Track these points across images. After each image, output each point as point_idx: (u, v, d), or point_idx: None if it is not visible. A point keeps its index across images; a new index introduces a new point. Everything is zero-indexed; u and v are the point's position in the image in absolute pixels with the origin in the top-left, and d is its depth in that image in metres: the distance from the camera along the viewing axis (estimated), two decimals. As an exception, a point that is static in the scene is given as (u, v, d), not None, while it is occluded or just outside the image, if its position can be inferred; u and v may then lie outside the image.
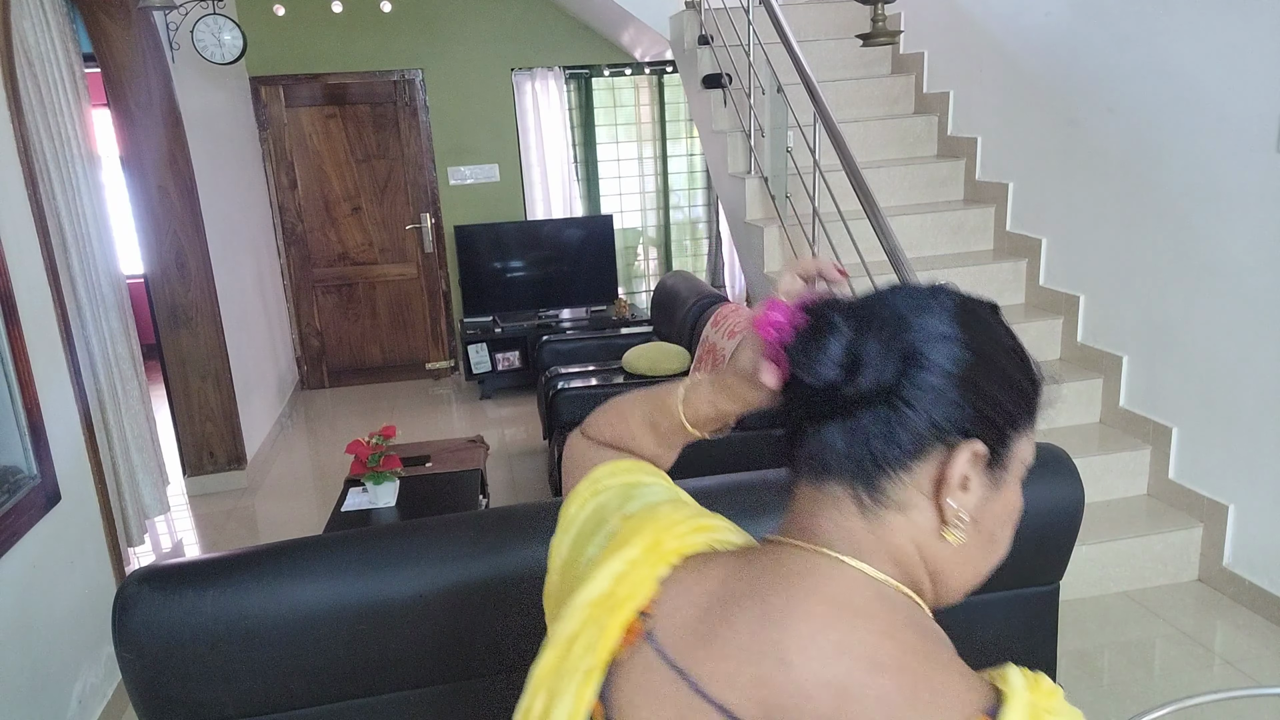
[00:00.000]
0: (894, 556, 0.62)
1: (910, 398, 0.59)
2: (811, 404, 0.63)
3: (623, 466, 0.82)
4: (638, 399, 0.86)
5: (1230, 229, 2.67)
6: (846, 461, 0.62)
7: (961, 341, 0.61)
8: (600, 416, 0.90)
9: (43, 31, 3.00)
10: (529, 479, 4.22)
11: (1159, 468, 3.02)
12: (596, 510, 0.77)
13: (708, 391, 0.78)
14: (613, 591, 0.65)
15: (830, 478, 0.63)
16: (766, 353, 0.66)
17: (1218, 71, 2.64)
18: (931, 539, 0.63)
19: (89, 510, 2.54)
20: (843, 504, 0.63)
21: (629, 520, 0.71)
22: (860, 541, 0.62)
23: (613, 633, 0.63)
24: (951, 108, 3.96)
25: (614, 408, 0.89)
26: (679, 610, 0.63)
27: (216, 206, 4.29)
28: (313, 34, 5.50)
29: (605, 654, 0.63)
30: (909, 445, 0.60)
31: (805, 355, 0.62)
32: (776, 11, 3.28)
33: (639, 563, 0.66)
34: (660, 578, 0.65)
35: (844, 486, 0.62)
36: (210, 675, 1.40)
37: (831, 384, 0.61)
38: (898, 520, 0.62)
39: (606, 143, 6.22)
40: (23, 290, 2.26)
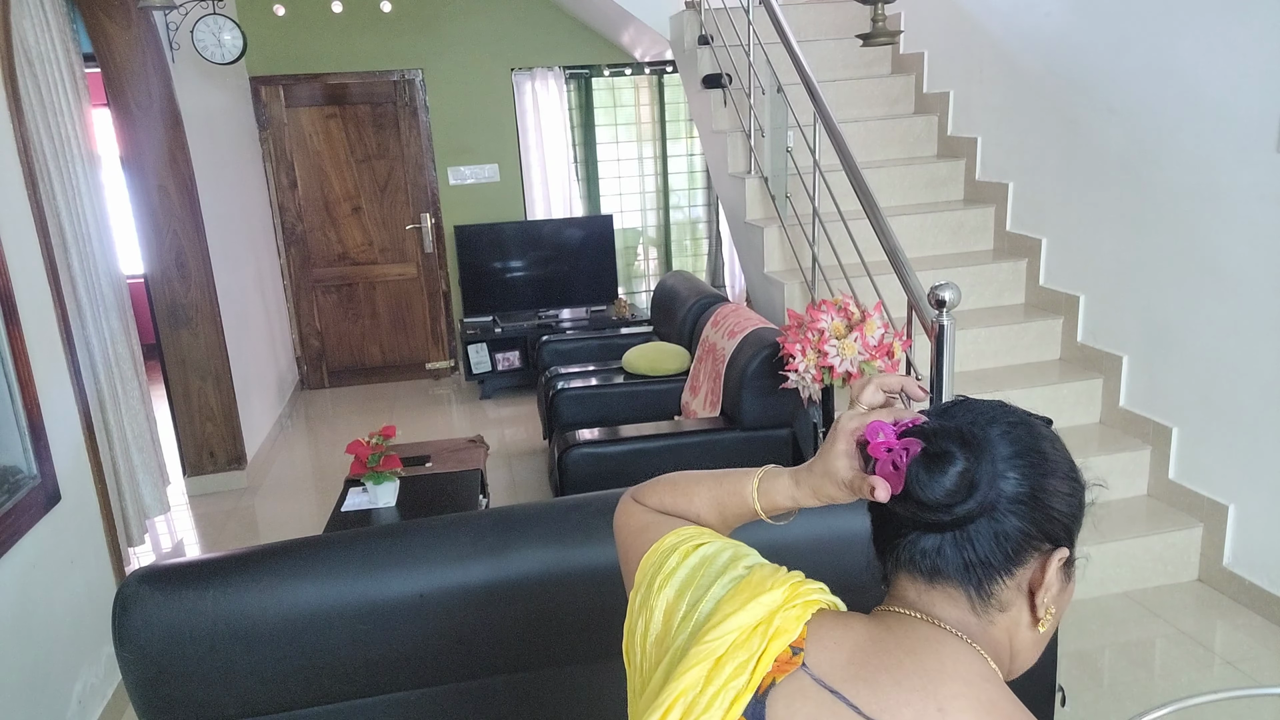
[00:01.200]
0: (994, 645, 0.73)
1: (1015, 514, 0.70)
2: (922, 518, 0.71)
3: (710, 532, 0.88)
4: (704, 481, 0.92)
5: (1230, 229, 2.67)
6: (960, 567, 0.72)
7: (1046, 462, 0.72)
8: (659, 489, 0.96)
9: (43, 31, 3.00)
10: (529, 479, 4.22)
11: (1159, 468, 3.02)
12: (705, 560, 0.82)
13: (787, 486, 0.83)
14: (768, 621, 0.72)
15: (942, 579, 0.73)
16: (880, 471, 0.72)
17: (1218, 71, 2.64)
18: (1022, 629, 0.74)
19: (89, 510, 2.54)
20: (957, 600, 0.73)
21: (756, 571, 0.78)
22: (973, 633, 0.73)
23: (768, 659, 0.70)
24: (951, 108, 3.96)
25: (676, 485, 0.95)
26: (830, 651, 0.71)
27: (216, 206, 4.29)
28: (313, 34, 5.50)
29: (760, 677, 0.70)
30: (1014, 554, 0.71)
31: (927, 479, 0.70)
32: (776, 11, 3.28)
33: (785, 604, 0.73)
34: (806, 620, 0.73)
35: (956, 587, 0.73)
36: (210, 675, 1.40)
37: (948, 504, 0.70)
38: (1001, 618, 0.73)
39: (606, 143, 6.22)
40: (23, 290, 2.26)
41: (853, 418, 0.78)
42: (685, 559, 0.82)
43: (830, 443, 0.78)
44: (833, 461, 0.77)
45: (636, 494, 0.99)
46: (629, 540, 0.93)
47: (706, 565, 0.81)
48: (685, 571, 0.81)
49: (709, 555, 0.83)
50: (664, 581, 0.81)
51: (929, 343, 2.26)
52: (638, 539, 0.91)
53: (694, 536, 0.85)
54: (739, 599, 0.74)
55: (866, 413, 0.78)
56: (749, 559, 0.82)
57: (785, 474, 0.84)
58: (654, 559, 0.84)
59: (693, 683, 0.71)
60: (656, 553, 0.85)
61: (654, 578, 0.83)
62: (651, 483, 0.98)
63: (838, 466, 0.77)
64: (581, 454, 3.03)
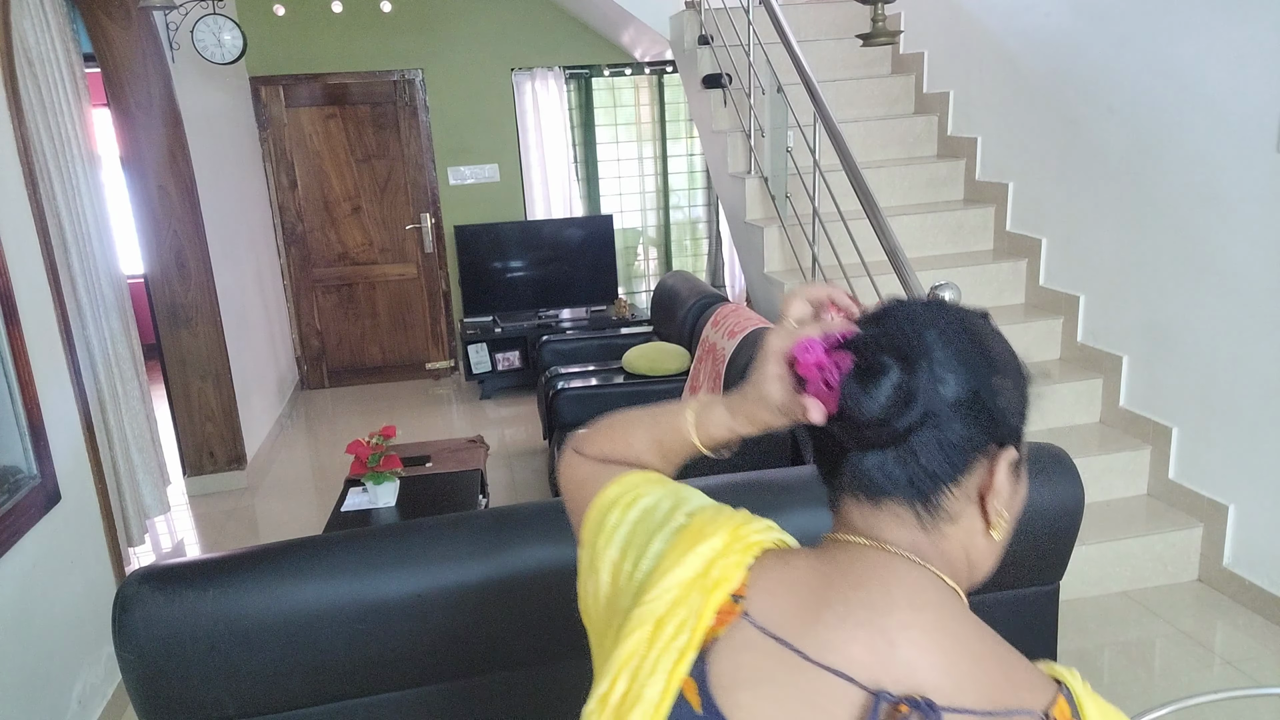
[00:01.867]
0: (948, 560, 0.69)
1: (959, 419, 0.66)
2: (860, 435, 0.67)
3: (654, 477, 0.84)
4: (639, 420, 0.88)
5: (1230, 229, 2.67)
6: (903, 484, 0.68)
7: (987, 360, 0.67)
8: (597, 437, 0.91)
9: (43, 31, 3.00)
10: (529, 479, 4.22)
11: (1159, 468, 3.02)
12: (645, 513, 0.78)
13: (723, 416, 0.79)
14: (705, 573, 0.68)
15: (886, 497, 0.68)
16: (811, 390, 0.68)
17: (1218, 71, 2.64)
18: (977, 539, 0.70)
19: (89, 510, 2.54)
20: (904, 519, 0.69)
21: (697, 516, 0.74)
22: (924, 551, 0.69)
23: (708, 613, 0.66)
24: (951, 108, 3.96)
25: (613, 429, 0.90)
26: (772, 595, 0.67)
27: (216, 206, 4.29)
28: (313, 34, 5.50)
29: (701, 633, 0.66)
30: (961, 462, 0.67)
31: (861, 395, 0.66)
32: (776, 11, 3.28)
33: (724, 551, 0.69)
34: (748, 565, 0.69)
35: (902, 504, 0.68)
36: (210, 675, 1.40)
37: (886, 419, 0.65)
38: (952, 530, 0.69)
39: (606, 143, 6.22)
40: (23, 290, 2.26)
41: (780, 335, 0.73)
42: (626, 514, 0.79)
43: (760, 365, 0.73)
44: (764, 385, 0.73)
45: (577, 444, 0.94)
46: (573, 494, 0.89)
47: (647, 519, 0.77)
48: (626, 528, 0.77)
49: (649, 507, 0.78)
50: (607, 540, 0.78)
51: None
52: (580, 493, 0.87)
53: (634, 487, 0.81)
54: (678, 551, 0.71)
55: (795, 329, 0.73)
56: (690, 504, 0.78)
57: (719, 404, 0.80)
58: (596, 515, 0.81)
59: (635, 648, 0.67)
60: (598, 508, 0.81)
61: (597, 536, 0.79)
62: (590, 430, 0.93)
63: (770, 390, 0.72)
64: (581, 454, 3.02)
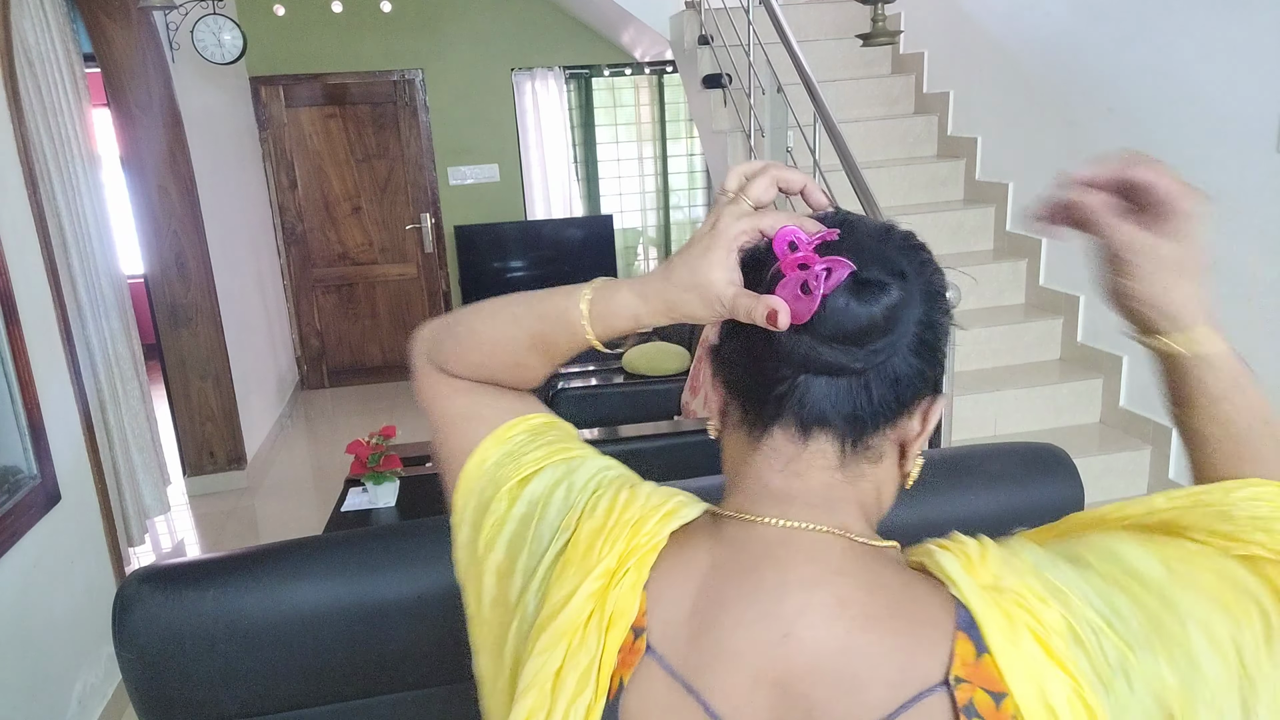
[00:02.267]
0: (859, 501, 0.63)
1: (915, 354, 0.60)
2: (820, 357, 0.59)
3: (537, 426, 0.73)
4: (513, 312, 0.72)
5: (1230, 229, 2.67)
6: (846, 415, 0.60)
7: (940, 294, 0.62)
8: (462, 344, 0.75)
9: (43, 31, 3.00)
10: (529, 479, 4.22)
11: (1159, 468, 3.02)
12: (531, 509, 0.67)
13: (629, 302, 0.65)
14: (599, 607, 0.59)
15: (821, 430, 0.61)
16: (783, 291, 0.58)
17: (1218, 71, 2.64)
18: (890, 481, 0.65)
19: (89, 510, 2.54)
20: (827, 456, 0.62)
21: (585, 523, 0.64)
22: (834, 493, 0.62)
23: (610, 655, 0.58)
24: (951, 108, 3.96)
25: (479, 335, 0.74)
26: (672, 610, 0.60)
27: (216, 206, 4.29)
28: (313, 34, 5.50)
29: (605, 683, 0.58)
30: (906, 399, 0.61)
31: (858, 310, 0.58)
32: (776, 11, 3.28)
33: (617, 573, 0.60)
34: (644, 584, 0.60)
35: (832, 439, 0.61)
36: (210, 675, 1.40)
37: (865, 342, 0.58)
38: (871, 470, 0.63)
39: (606, 143, 6.22)
40: (23, 290, 2.26)
41: (738, 217, 0.61)
42: (512, 506, 0.67)
43: (703, 249, 0.61)
44: (707, 272, 0.60)
45: (436, 352, 0.77)
46: (443, 431, 0.75)
47: (534, 519, 0.66)
48: (512, 525, 0.67)
49: (537, 498, 0.67)
50: (490, 540, 0.67)
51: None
52: (450, 438, 0.74)
53: (518, 456, 0.69)
54: (566, 582, 0.61)
55: (753, 213, 0.62)
56: (586, 495, 0.66)
57: (624, 287, 0.66)
58: (474, 490, 0.70)
59: (535, 708, 0.59)
60: (476, 479, 0.70)
61: (478, 526, 0.68)
62: (448, 330, 0.76)
63: (714, 279, 0.60)
64: (581, 454, 3.02)
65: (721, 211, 0.62)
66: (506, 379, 0.75)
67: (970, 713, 0.54)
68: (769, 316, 0.57)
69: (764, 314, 0.57)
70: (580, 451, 0.72)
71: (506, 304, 0.73)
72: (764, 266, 0.61)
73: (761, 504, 0.63)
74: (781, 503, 0.62)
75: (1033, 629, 0.55)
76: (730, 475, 0.67)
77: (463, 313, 0.77)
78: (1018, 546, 0.61)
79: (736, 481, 0.66)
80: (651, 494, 0.65)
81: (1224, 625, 0.58)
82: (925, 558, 0.61)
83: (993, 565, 0.58)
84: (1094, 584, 0.59)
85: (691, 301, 0.61)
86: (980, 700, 0.54)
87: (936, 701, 0.54)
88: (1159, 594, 0.59)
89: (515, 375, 0.74)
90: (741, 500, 0.64)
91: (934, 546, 0.61)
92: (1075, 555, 0.62)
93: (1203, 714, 0.56)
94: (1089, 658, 0.55)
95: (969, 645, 0.55)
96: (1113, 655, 0.56)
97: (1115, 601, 0.58)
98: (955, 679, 0.54)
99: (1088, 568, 0.60)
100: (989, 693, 0.54)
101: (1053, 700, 0.53)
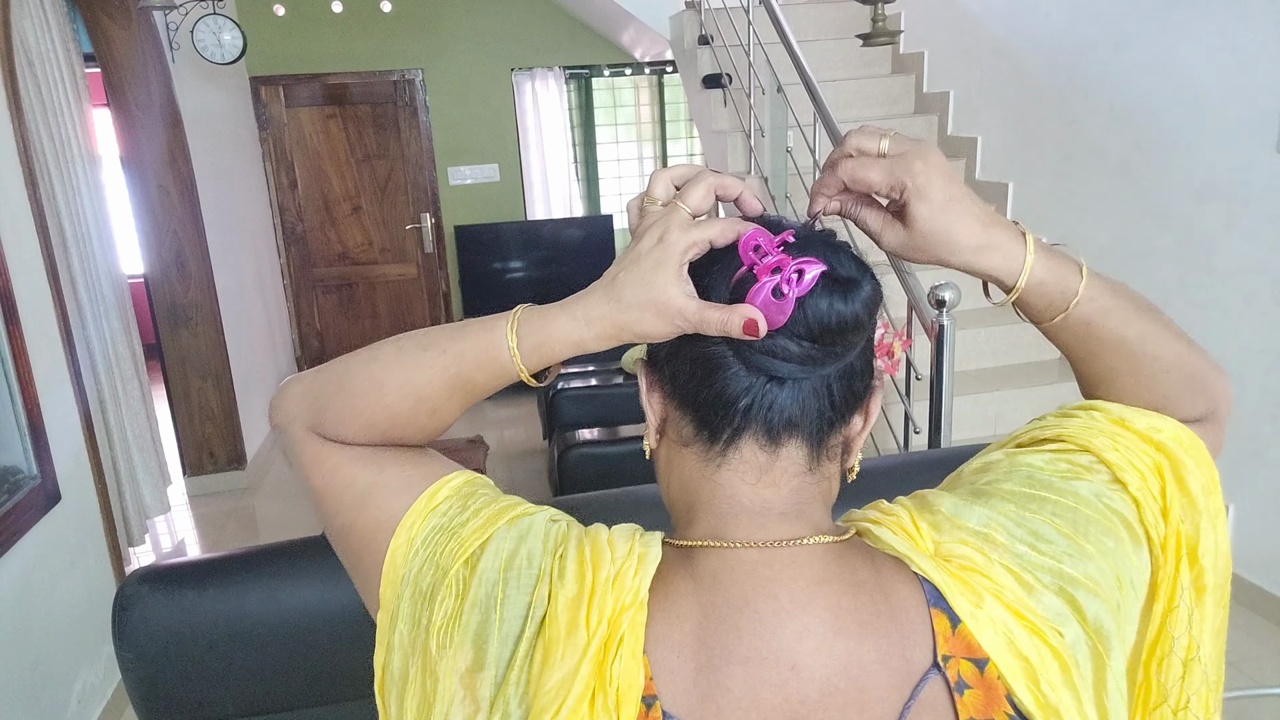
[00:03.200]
0: (824, 500, 0.62)
1: (864, 348, 0.60)
2: (790, 360, 0.57)
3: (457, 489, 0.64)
4: (424, 360, 0.64)
5: (1230, 229, 2.67)
6: (812, 417, 0.59)
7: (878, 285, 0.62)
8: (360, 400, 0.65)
9: (43, 31, 3.00)
10: (529, 479, 4.22)
11: (1159, 468, 3.02)
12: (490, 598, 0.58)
13: (571, 329, 0.61)
14: (601, 688, 0.54)
15: (791, 436, 0.59)
16: (756, 298, 0.55)
17: (1218, 71, 2.64)
18: (838, 472, 0.64)
19: (89, 510, 2.54)
20: (797, 462, 0.60)
21: (561, 590, 0.57)
22: (803, 496, 0.61)
23: None
24: (951, 108, 3.96)
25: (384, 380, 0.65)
26: (676, 673, 0.55)
27: (216, 206, 4.29)
28: (313, 34, 5.50)
29: None
30: (861, 393, 0.61)
31: (840, 307, 0.56)
32: (776, 11, 3.28)
33: (612, 641, 0.55)
34: (644, 649, 0.55)
35: (801, 444, 0.60)
36: (210, 675, 1.40)
37: (839, 340, 0.57)
38: (830, 468, 0.63)
39: (606, 143, 6.22)
40: (23, 290, 2.26)
41: (685, 229, 0.58)
42: (466, 593, 0.58)
43: (653, 264, 0.57)
44: (664, 289, 0.57)
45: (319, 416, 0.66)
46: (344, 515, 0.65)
47: (498, 601, 0.58)
48: (474, 615, 0.58)
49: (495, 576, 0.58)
50: (445, 637, 0.58)
51: (929, 343, 2.26)
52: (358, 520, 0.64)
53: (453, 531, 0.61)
54: (556, 665, 0.54)
55: (699, 224, 0.59)
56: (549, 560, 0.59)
57: (558, 314, 0.61)
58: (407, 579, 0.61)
59: None
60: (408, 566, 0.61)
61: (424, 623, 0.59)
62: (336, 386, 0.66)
63: (671, 295, 0.57)
64: (581, 454, 3.03)
65: (668, 224, 0.58)
66: (415, 433, 0.67)
67: (961, 688, 0.55)
68: (746, 327, 0.55)
69: (740, 325, 0.55)
70: (520, 508, 0.64)
71: (409, 347, 0.65)
72: (705, 274, 0.59)
73: (736, 524, 0.60)
74: (756, 518, 0.60)
75: (991, 591, 0.57)
76: (687, 496, 0.63)
77: (349, 363, 0.68)
78: (931, 499, 0.64)
79: (699, 502, 0.62)
80: (612, 540, 0.60)
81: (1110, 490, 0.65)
82: (867, 536, 0.62)
83: (927, 533, 0.61)
84: (1008, 513, 0.62)
85: (647, 320, 0.58)
86: (966, 671, 0.56)
87: (933, 687, 0.55)
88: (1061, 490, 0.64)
89: (427, 426, 0.67)
90: (712, 523, 0.60)
91: (871, 525, 0.62)
92: (979, 490, 0.65)
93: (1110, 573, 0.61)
94: (1035, 595, 0.58)
95: (944, 619, 0.57)
96: (1047, 578, 0.59)
97: (1032, 523, 0.61)
98: (943, 658, 0.55)
99: (994, 497, 0.63)
100: (972, 661, 0.56)
101: (1025, 651, 0.56)
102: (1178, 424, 0.68)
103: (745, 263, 0.57)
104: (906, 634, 0.56)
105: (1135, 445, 0.67)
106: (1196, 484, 0.66)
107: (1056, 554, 0.60)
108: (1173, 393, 0.70)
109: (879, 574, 0.59)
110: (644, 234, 0.60)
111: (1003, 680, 0.55)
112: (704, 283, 0.59)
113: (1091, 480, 0.65)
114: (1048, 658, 0.56)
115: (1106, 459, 0.66)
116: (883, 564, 0.60)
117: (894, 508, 0.63)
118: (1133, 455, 0.66)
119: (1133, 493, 0.64)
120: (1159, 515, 0.65)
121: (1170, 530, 0.65)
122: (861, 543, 0.62)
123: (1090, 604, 0.59)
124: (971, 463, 0.72)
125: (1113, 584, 0.61)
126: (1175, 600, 0.65)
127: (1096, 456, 0.66)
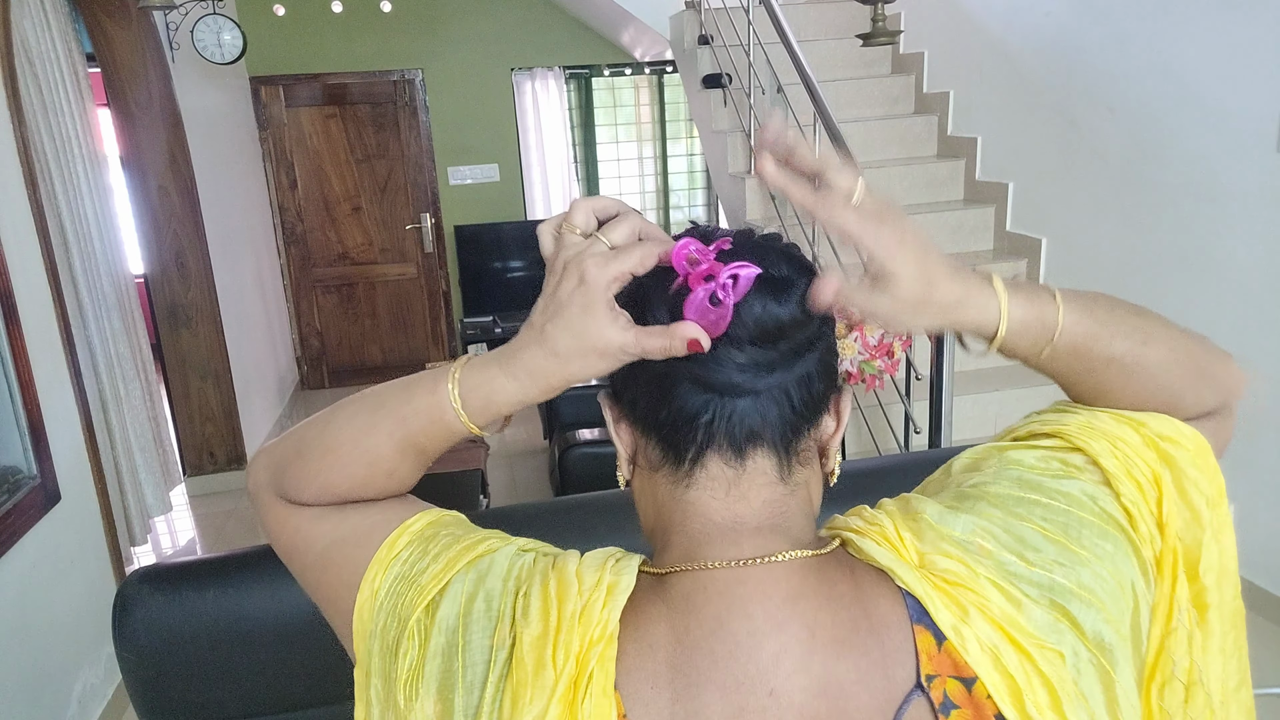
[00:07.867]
0: (801, 509, 0.61)
1: (825, 346, 0.60)
2: (741, 369, 0.56)
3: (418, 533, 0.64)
4: (372, 424, 0.65)
5: (1230, 228, 2.67)
6: (774, 423, 0.58)
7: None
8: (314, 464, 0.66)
9: (43, 31, 3.00)
10: (529, 479, 4.22)
11: (1159, 468, 3.02)
12: (451, 645, 0.58)
13: (511, 388, 0.60)
14: None
15: (755, 447, 0.58)
16: (693, 313, 0.54)
17: (1218, 71, 2.64)
18: (817, 478, 0.63)
19: (89, 510, 2.54)
20: (767, 473, 0.59)
21: (526, 630, 0.56)
22: (776, 508, 0.59)
23: None
24: (951, 108, 3.96)
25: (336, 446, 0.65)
26: (651, 706, 0.54)
27: (216, 206, 4.29)
28: (313, 34, 5.50)
29: None
30: (825, 394, 0.60)
31: (776, 308, 0.55)
32: (776, 11, 3.28)
33: (580, 679, 0.53)
34: (615, 683, 0.54)
35: (769, 454, 0.58)
36: (210, 675, 1.40)
37: (784, 339, 0.57)
38: (802, 473, 0.61)
39: (606, 143, 6.22)
40: (23, 290, 2.26)
41: (604, 263, 0.55)
42: (427, 642, 0.58)
43: (581, 309, 0.56)
44: (599, 332, 0.55)
45: (280, 482, 0.67)
46: (313, 572, 0.66)
47: (459, 648, 0.57)
48: (436, 664, 0.57)
49: (455, 623, 0.58)
50: (411, 690, 0.58)
51: (929, 343, 2.26)
52: (326, 576, 0.65)
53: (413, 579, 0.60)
54: (522, 711, 0.53)
55: (615, 253, 0.56)
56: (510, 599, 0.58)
57: (497, 372, 0.60)
58: (374, 633, 0.61)
59: None
60: (373, 620, 0.61)
61: (391, 677, 0.59)
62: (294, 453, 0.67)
63: (608, 336, 0.55)
64: (582, 454, 3.03)
65: (583, 263, 0.56)
66: (375, 494, 0.67)
67: (948, 708, 0.53)
68: (690, 346, 0.54)
69: (682, 345, 0.54)
70: (484, 545, 0.62)
71: (361, 410, 0.65)
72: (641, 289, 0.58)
73: (708, 544, 0.58)
74: (729, 534, 0.58)
75: (978, 605, 0.55)
76: (660, 522, 0.62)
77: (307, 429, 0.68)
78: (915, 505, 0.61)
79: (672, 525, 0.61)
80: (581, 570, 0.58)
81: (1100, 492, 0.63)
82: (849, 547, 0.60)
83: (911, 543, 0.58)
84: (994, 519, 0.60)
85: (591, 365, 0.57)
86: (953, 689, 0.54)
87: (917, 708, 0.54)
88: (1052, 492, 0.61)
89: (386, 487, 0.67)
90: (685, 545, 0.59)
91: (853, 534, 0.60)
92: (964, 494, 0.63)
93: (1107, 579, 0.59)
94: (1024, 611, 0.56)
95: (929, 637, 0.55)
96: (1034, 591, 0.56)
97: (1019, 530, 0.59)
98: (927, 678, 0.54)
99: (981, 501, 0.61)
100: (959, 680, 0.54)
101: (1011, 670, 0.54)
102: (1185, 428, 0.66)
103: (680, 273, 0.56)
104: (888, 651, 0.54)
105: (1136, 452, 0.64)
106: (1200, 497, 0.64)
107: (1046, 563, 0.57)
108: (1178, 390, 0.68)
109: (859, 588, 0.57)
110: (561, 273, 0.58)
111: (991, 699, 0.53)
112: (642, 297, 0.58)
113: (1084, 480, 0.63)
114: (1034, 679, 0.54)
115: (1102, 464, 0.63)
116: (864, 577, 0.57)
117: (877, 515, 0.61)
118: (1131, 464, 0.64)
119: (1125, 503, 0.62)
120: (1154, 529, 0.63)
121: (1167, 546, 0.63)
122: (843, 554, 0.60)
123: (1086, 616, 0.56)
124: (961, 458, 0.70)
125: (1113, 590, 0.58)
126: (1173, 620, 0.63)
127: (1091, 459, 0.64)
